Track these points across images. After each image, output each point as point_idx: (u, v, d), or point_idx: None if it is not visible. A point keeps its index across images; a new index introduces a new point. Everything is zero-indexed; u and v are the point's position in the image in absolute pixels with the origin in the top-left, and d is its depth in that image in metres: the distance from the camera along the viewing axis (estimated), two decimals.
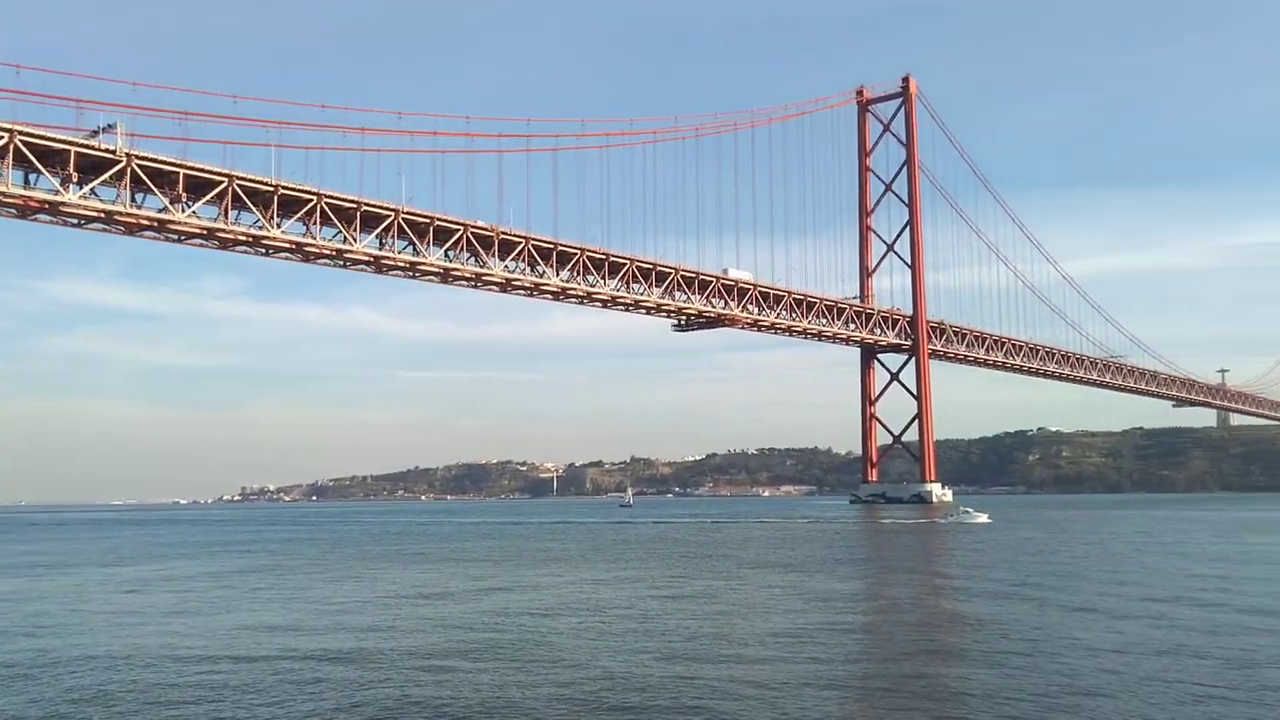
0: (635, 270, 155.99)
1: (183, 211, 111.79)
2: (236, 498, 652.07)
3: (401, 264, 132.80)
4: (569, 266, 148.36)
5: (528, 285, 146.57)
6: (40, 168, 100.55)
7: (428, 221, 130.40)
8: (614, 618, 39.79)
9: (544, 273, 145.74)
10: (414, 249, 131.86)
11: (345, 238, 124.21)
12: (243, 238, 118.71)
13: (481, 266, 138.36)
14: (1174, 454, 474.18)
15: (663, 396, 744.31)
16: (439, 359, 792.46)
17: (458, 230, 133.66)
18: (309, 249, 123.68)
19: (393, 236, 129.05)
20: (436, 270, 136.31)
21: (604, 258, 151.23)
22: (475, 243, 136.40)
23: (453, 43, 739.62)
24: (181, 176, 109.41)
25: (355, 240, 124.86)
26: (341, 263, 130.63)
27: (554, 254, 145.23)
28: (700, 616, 39.71)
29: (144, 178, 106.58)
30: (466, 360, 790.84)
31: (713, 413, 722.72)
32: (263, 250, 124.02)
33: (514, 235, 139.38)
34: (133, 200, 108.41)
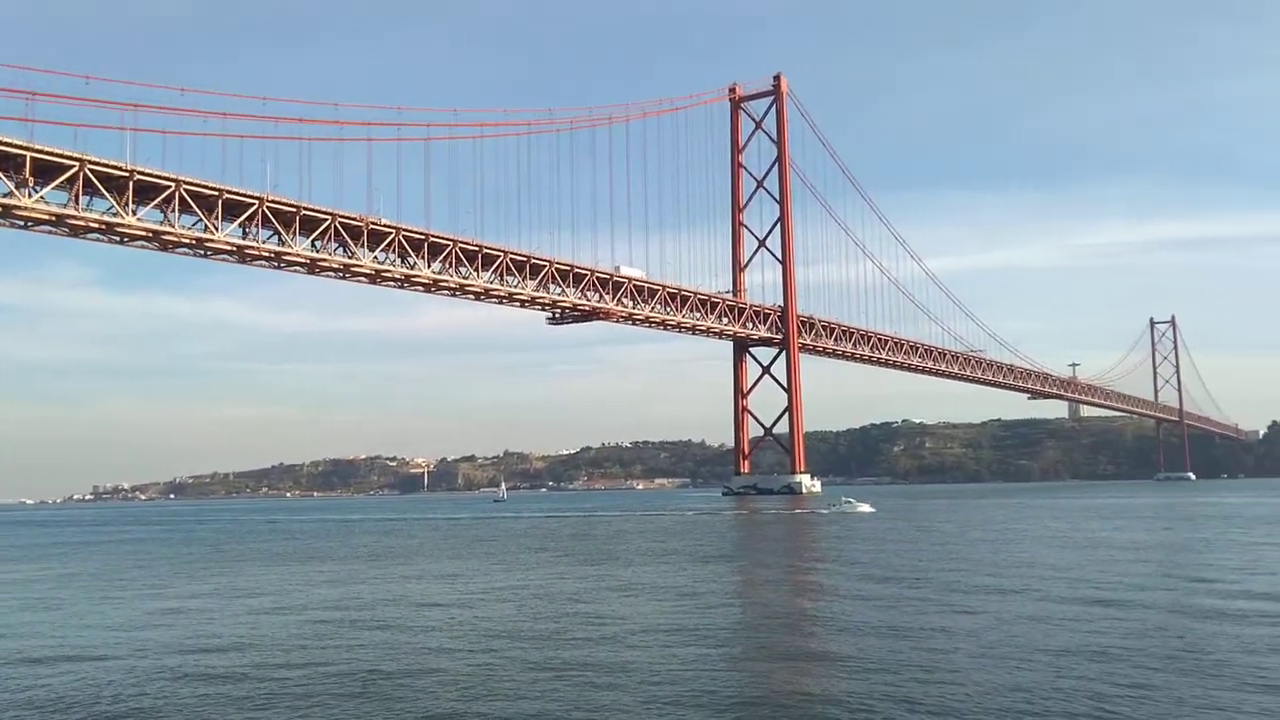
0: (509, 263, 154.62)
1: (29, 197, 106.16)
2: (88, 497, 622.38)
3: (266, 254, 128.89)
4: (441, 258, 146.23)
5: (398, 277, 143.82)
6: None
7: (294, 210, 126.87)
8: (479, 619, 39.24)
9: (415, 264, 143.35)
10: (279, 239, 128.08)
11: (206, 226, 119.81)
12: (95, 225, 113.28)
13: (350, 257, 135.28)
14: (1029, 444, 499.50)
15: (537, 390, 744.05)
16: (305, 352, 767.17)
17: (325, 220, 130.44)
18: (167, 238, 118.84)
19: (257, 226, 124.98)
20: (303, 261, 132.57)
21: (477, 250, 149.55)
22: (344, 233, 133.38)
23: (322, 28, 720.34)
24: (29, 160, 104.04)
25: (217, 229, 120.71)
26: (203, 252, 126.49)
27: (426, 245, 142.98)
28: (568, 616, 39.21)
29: None
30: (334, 353, 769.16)
31: (587, 406, 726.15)
32: (117, 238, 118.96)
33: (384, 226, 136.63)
34: None
